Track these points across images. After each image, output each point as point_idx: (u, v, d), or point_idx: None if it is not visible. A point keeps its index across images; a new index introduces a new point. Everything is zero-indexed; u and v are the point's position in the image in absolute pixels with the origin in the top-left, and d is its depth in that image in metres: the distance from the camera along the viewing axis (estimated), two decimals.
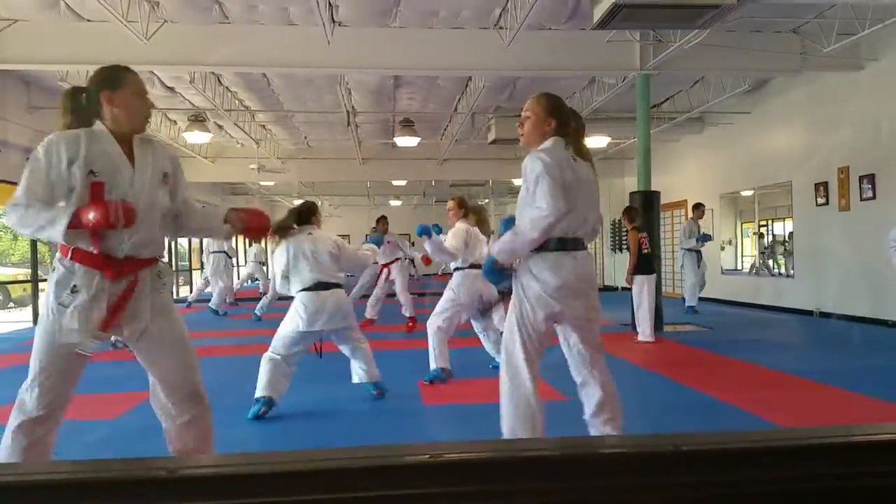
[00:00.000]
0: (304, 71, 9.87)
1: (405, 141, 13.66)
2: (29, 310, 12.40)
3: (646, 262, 8.10)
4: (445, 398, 5.51)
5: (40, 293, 12.21)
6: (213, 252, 12.52)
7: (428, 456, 0.85)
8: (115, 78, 2.69)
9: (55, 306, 2.50)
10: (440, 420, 4.75)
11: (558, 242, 3.04)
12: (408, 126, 13.24)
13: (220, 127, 14.28)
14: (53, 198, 2.52)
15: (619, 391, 3.19)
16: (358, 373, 5.21)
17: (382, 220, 10.01)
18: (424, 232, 5.27)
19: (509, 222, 3.18)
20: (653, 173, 9.52)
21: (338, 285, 4.94)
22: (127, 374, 6.81)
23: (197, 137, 13.01)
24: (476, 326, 6.48)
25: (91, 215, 2.41)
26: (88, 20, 8.12)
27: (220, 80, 11.13)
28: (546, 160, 3.01)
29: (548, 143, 3.15)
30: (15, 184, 9.11)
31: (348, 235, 28.66)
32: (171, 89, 11.51)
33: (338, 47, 8.42)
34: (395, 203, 27.11)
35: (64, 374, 2.58)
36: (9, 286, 16.32)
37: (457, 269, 6.10)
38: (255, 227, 2.96)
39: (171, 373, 2.74)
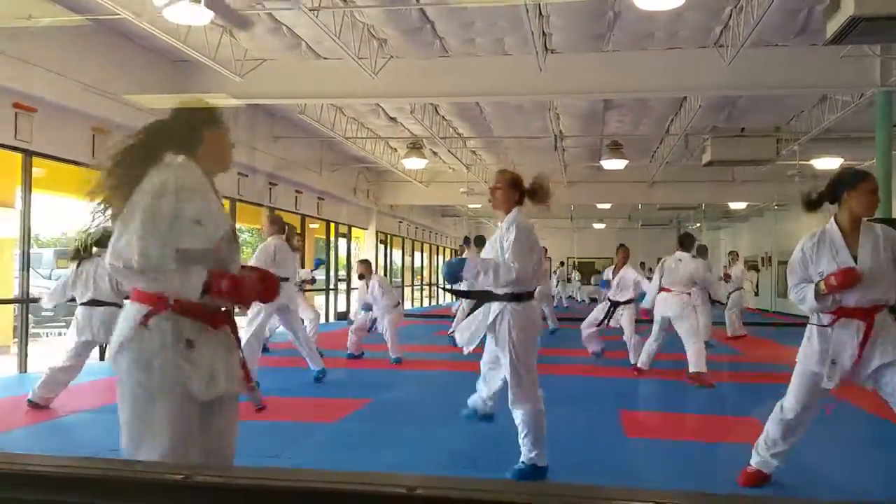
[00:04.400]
0: (515, 98, 10.13)
1: (612, 164, 13.47)
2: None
3: None
4: (648, 432, 5.33)
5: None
6: None
7: None
8: (218, 117, 2.60)
9: (172, 362, 2.22)
10: (645, 457, 4.59)
11: (529, 295, 3.78)
12: (616, 149, 13.03)
13: (435, 153, 15.05)
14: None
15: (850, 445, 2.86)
16: None
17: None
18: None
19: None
20: (893, 199, 8.52)
21: (114, 304, 5.45)
22: (351, 381, 7.41)
23: (414, 163, 13.86)
24: None
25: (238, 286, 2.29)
26: (325, 58, 8.99)
27: (436, 110, 11.75)
28: (525, 224, 3.76)
29: (515, 211, 3.81)
30: (260, 205, 10.19)
31: (549, 258, 28.69)
32: (394, 119, 12.37)
33: (550, 74, 8.54)
34: (598, 226, 26.70)
35: (190, 432, 2.27)
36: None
37: None
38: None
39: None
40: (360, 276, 8.82)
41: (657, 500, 0.81)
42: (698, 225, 24.98)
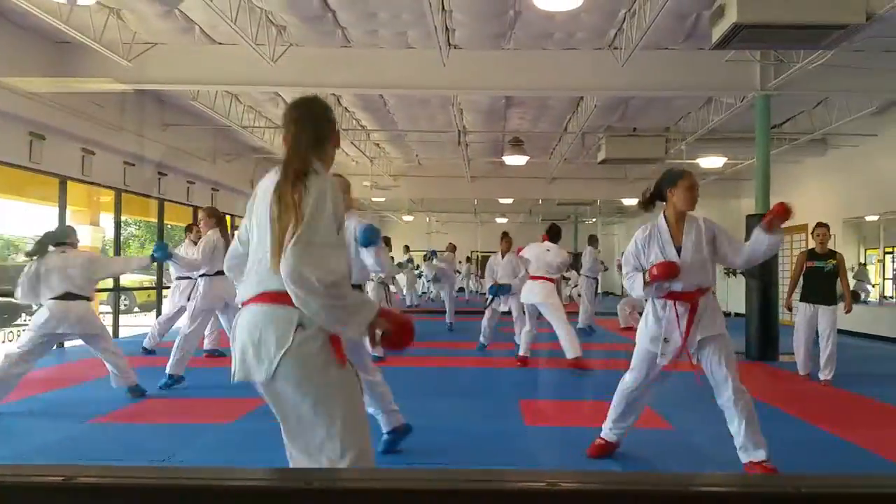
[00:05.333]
0: (419, 92, 10.13)
1: (514, 160, 13.73)
2: (153, 315, 13.10)
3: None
4: (547, 420, 5.48)
5: (163, 299, 12.94)
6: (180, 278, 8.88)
7: (545, 483, 0.88)
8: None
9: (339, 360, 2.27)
10: (543, 443, 4.71)
11: None
12: (517, 145, 13.30)
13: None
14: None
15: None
16: (113, 377, 5.87)
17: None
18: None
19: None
20: (771, 196, 9.12)
21: (86, 298, 5.63)
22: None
23: None
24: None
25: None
26: (220, 43, 8.68)
27: (339, 101, 11.59)
28: None
29: None
30: (148, 196, 9.70)
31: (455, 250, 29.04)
32: None
33: (453, 69, 8.60)
34: (500, 220, 27.17)
35: None
36: (135, 292, 17.48)
37: None
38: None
39: None
40: None
41: (549, 480, 0.83)
42: (594, 220, 25.85)
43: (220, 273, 6.67)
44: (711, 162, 13.48)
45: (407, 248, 20.09)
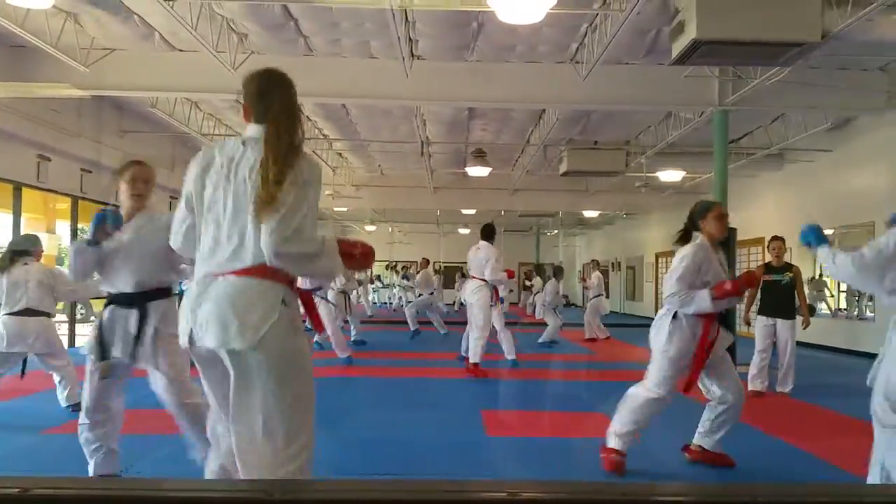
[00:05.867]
0: (382, 102, 10.13)
1: (477, 171, 13.80)
2: None
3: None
4: (509, 430, 5.49)
5: None
6: None
7: (506, 494, 0.88)
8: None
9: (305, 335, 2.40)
10: (505, 454, 4.72)
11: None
12: (480, 157, 13.37)
13: None
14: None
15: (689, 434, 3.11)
16: (60, 396, 5.68)
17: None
18: None
19: None
20: (729, 209, 9.27)
21: (46, 314, 5.38)
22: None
23: None
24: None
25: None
26: (180, 50, 8.57)
27: (301, 109, 11.52)
28: None
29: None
30: (106, 204, 9.41)
31: (416, 262, 28.85)
32: None
33: (416, 80, 8.62)
34: (464, 231, 27.26)
35: None
36: (92, 301, 17.09)
37: None
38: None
39: None
40: None
41: (509, 490, 0.83)
42: (556, 231, 26.10)
43: None
44: (670, 175, 13.72)
45: None
